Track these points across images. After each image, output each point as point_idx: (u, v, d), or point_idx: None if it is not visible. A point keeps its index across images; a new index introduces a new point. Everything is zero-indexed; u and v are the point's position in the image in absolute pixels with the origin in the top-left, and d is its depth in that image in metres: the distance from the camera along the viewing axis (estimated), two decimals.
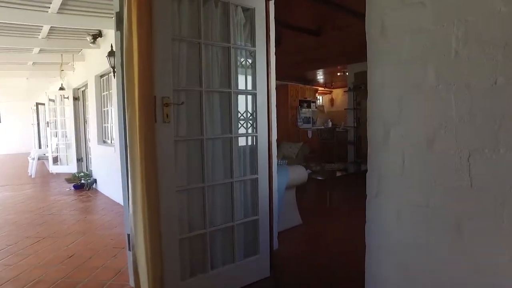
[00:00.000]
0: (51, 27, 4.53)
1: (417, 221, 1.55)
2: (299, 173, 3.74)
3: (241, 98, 2.48)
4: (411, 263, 1.57)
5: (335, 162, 7.41)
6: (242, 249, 2.47)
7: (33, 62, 6.74)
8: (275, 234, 2.80)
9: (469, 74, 1.35)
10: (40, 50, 5.84)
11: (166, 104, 2.00)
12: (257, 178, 2.47)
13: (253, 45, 2.43)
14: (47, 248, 3.34)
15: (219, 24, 2.31)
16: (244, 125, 2.52)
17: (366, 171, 5.09)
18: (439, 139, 1.46)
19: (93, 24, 4.47)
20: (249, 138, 2.53)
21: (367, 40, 1.74)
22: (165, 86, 2.01)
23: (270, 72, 2.51)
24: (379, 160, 1.71)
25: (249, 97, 2.50)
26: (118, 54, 2.15)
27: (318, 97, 12.22)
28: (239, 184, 2.44)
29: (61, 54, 6.30)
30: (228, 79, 2.32)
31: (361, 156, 7.30)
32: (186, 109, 2.16)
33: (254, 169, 2.48)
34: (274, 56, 2.67)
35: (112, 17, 2.34)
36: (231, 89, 2.32)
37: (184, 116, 2.15)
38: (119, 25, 2.11)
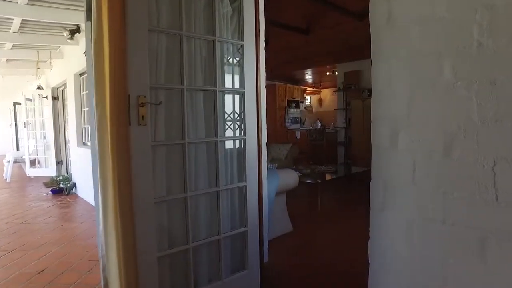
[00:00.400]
0: (22, 20, 4.20)
1: (431, 239, 1.34)
2: (290, 178, 3.53)
3: (228, 98, 2.25)
4: None
5: (324, 163, 7.24)
6: (230, 264, 2.24)
7: (7, 59, 6.35)
8: (265, 246, 2.58)
9: (495, 69, 1.15)
10: (13, 46, 5.47)
11: (141, 104, 1.75)
12: (245, 186, 2.24)
13: (241, 39, 2.20)
14: (15, 262, 3.04)
15: (203, 15, 2.08)
16: (232, 127, 2.29)
17: (356, 173, 4.91)
18: (457, 144, 1.26)
19: (69, 18, 4.16)
20: (237, 141, 2.30)
21: (371, 31, 1.53)
22: (140, 84, 1.76)
23: (259, 69, 2.28)
24: (385, 167, 1.50)
25: (237, 96, 2.27)
26: (88, 47, 1.89)
27: (306, 97, 12.07)
28: (226, 193, 2.20)
29: (37, 51, 5.94)
30: (213, 76, 2.08)
31: (352, 157, 7.15)
32: (165, 109, 1.91)
33: (242, 175, 2.25)
34: (264, 52, 2.44)
35: None
36: (216, 87, 2.08)
37: (162, 118, 1.91)
38: (89, 15, 1.85)
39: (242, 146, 2.26)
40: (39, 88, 7.42)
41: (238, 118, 2.28)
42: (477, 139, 1.21)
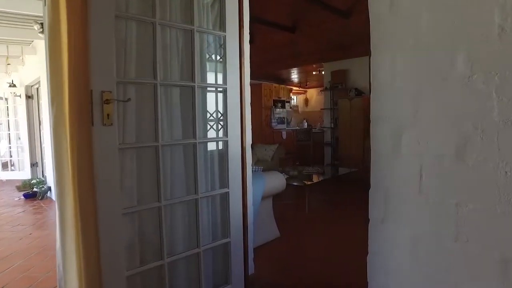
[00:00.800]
0: None
1: (441, 259, 1.16)
2: (277, 181, 3.32)
3: (208, 95, 2.03)
4: None
5: (311, 164, 7.09)
6: (211, 279, 2.02)
7: None
8: (251, 256, 2.36)
9: None
10: None
11: (106, 100, 1.51)
12: (227, 193, 2.02)
13: (223, 29, 1.99)
14: None
15: (181, 2, 1.85)
16: (214, 127, 2.07)
17: (344, 174, 4.72)
18: (473, 147, 1.08)
19: (39, 9, 3.85)
20: (219, 143, 2.07)
21: (370, 19, 1.34)
22: (105, 77, 1.52)
23: (243, 63, 2.07)
24: (386, 174, 1.31)
25: (219, 93, 2.05)
26: (46, 34, 1.64)
27: (292, 97, 11.91)
28: (206, 201, 1.98)
29: (7, 45, 5.57)
30: (191, 70, 1.86)
31: (339, 158, 7.01)
32: (135, 107, 1.68)
33: (224, 181, 2.03)
34: (249, 45, 2.23)
35: None
36: (194, 82, 1.86)
37: (133, 117, 1.67)
38: None
39: (224, 148, 2.04)
40: (11, 86, 7.01)
41: (221, 117, 2.06)
42: (498, 141, 1.03)
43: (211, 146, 2.04)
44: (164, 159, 1.76)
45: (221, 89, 2.03)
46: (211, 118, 2.07)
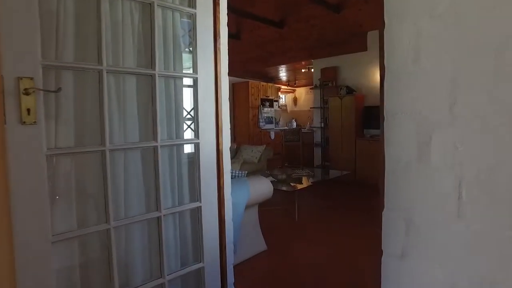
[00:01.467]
0: None
1: None
2: (263, 188, 2.94)
3: (178, 88, 1.64)
4: None
5: (301, 165, 6.75)
6: None
7: None
8: (230, 281, 1.98)
9: None
10: None
11: (26, 90, 1.11)
12: (199, 207, 1.64)
13: (193, 5, 1.60)
14: None
15: None
16: (192, 127, 1.69)
17: (335, 178, 4.30)
18: None
19: None
20: (188, 147, 1.69)
21: None
22: (24, 59, 1.12)
23: (219, 49, 1.69)
24: (408, 190, 0.95)
25: (188, 84, 1.67)
26: None
27: (281, 96, 11.56)
28: (172, 219, 1.59)
29: None
30: (151, 55, 1.47)
31: (330, 159, 6.68)
32: (74, 100, 1.29)
33: (195, 193, 1.65)
34: (227, 28, 1.85)
35: None
36: (155, 70, 1.47)
37: (70, 113, 1.28)
38: None
39: (195, 153, 1.66)
40: None
41: (191, 114, 1.68)
42: None
43: (179, 150, 1.65)
44: (114, 167, 1.37)
45: (190, 79, 1.64)
46: (188, 116, 1.69)
